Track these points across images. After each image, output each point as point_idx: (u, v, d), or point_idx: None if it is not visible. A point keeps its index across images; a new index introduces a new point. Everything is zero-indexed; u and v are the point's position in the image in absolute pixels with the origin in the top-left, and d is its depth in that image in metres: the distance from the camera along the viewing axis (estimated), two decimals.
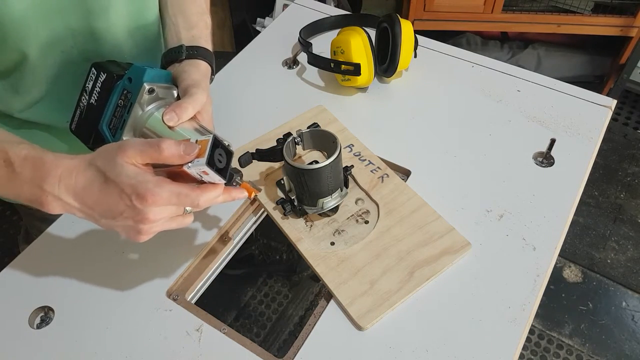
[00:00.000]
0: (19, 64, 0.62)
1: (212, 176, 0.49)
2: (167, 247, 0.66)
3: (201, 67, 0.62)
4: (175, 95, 0.59)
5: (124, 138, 0.57)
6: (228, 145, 0.51)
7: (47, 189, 0.47)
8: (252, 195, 0.57)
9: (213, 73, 0.65)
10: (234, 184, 0.56)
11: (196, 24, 0.68)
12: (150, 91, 0.56)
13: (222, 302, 1.48)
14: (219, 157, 0.49)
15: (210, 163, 0.48)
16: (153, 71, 0.57)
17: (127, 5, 0.66)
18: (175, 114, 0.55)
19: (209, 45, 0.66)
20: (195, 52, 0.63)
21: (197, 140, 0.48)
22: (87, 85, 0.58)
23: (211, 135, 0.49)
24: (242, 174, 0.56)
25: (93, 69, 0.58)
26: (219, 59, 0.67)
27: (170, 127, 0.55)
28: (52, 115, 0.69)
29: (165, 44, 0.68)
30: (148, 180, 0.45)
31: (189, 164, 0.47)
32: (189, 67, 0.62)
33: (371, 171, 0.72)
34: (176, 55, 0.63)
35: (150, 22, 0.72)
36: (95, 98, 0.58)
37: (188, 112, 0.55)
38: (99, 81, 0.57)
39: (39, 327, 0.60)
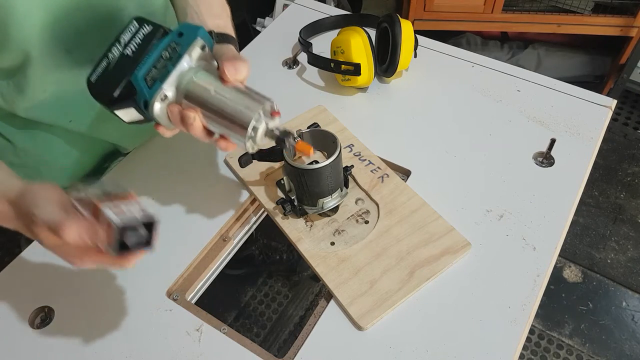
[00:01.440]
0: (23, 63, 0.62)
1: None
2: (167, 247, 0.66)
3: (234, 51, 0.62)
4: (216, 67, 0.56)
5: (165, 91, 0.53)
6: (146, 220, 0.48)
7: None
8: (311, 153, 0.54)
9: None
10: (290, 143, 0.53)
11: (220, 14, 0.67)
12: (203, 47, 0.53)
13: (222, 302, 1.47)
14: (137, 234, 0.46)
15: (123, 248, 0.46)
16: (205, 31, 0.54)
17: (137, 7, 0.66)
18: (234, 68, 0.52)
19: (234, 35, 0.66)
20: (224, 39, 0.62)
21: (108, 222, 0.46)
22: (122, 37, 0.54)
23: (116, 227, 0.45)
24: (294, 135, 0.53)
25: (134, 21, 0.54)
26: None
27: (224, 82, 0.53)
28: (57, 115, 0.69)
29: None
30: (68, 252, 0.48)
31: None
32: (225, 47, 0.60)
33: (371, 171, 0.72)
34: None
35: (157, 19, 0.71)
36: (133, 49, 0.53)
37: (244, 71, 0.54)
38: (140, 33, 0.53)
39: (39, 327, 0.60)
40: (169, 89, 0.53)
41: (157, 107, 0.53)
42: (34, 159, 0.75)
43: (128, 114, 0.55)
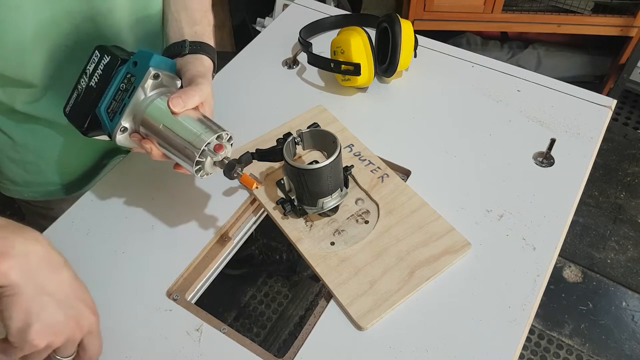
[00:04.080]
0: (21, 58, 0.62)
1: None
2: (167, 247, 0.66)
3: (205, 62, 0.62)
4: (179, 85, 0.58)
5: (123, 123, 0.55)
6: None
7: None
8: (253, 188, 0.56)
9: (215, 70, 0.65)
10: (235, 175, 0.55)
11: (200, 20, 0.68)
12: (156, 76, 0.55)
13: (222, 302, 1.48)
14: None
15: None
16: (159, 57, 0.55)
17: (131, 3, 0.67)
18: (182, 100, 0.53)
19: (211, 42, 0.66)
20: (198, 48, 0.63)
21: None
22: (87, 67, 0.56)
23: None
24: (243, 166, 0.55)
25: (96, 51, 0.56)
26: (219, 59, 0.67)
27: (173, 114, 0.54)
28: (55, 110, 0.69)
29: (166, 40, 0.68)
30: None
31: None
32: (193, 60, 0.61)
33: (371, 171, 0.72)
34: (179, 49, 0.62)
35: (153, 19, 0.72)
36: (96, 81, 0.56)
37: (194, 99, 0.54)
38: (101, 64, 0.55)
39: None
40: (126, 121, 0.56)
41: (119, 137, 0.56)
42: (33, 154, 0.75)
43: (104, 137, 0.59)
